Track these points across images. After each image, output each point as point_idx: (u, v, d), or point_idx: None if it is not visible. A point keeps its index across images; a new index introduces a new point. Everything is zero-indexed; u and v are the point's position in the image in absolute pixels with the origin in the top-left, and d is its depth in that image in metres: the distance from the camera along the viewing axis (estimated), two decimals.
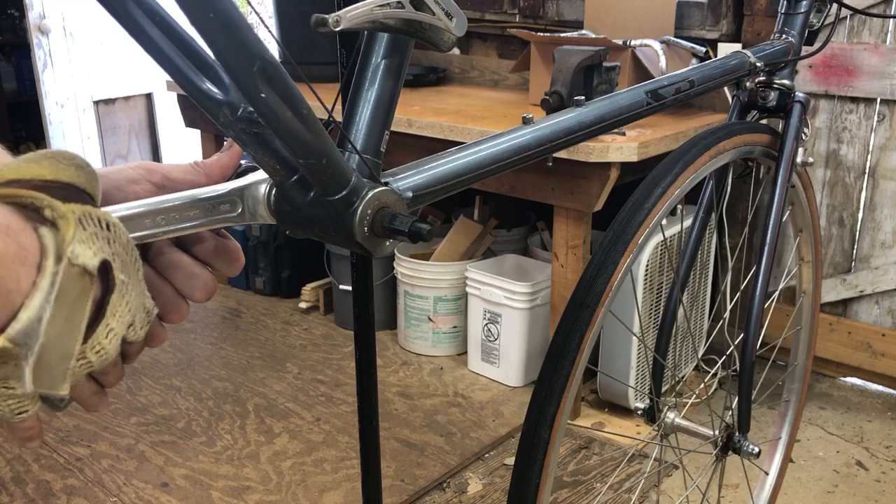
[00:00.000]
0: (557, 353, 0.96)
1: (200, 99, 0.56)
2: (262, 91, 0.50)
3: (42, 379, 0.46)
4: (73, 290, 0.45)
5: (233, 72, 0.49)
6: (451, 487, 2.08)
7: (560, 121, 0.91)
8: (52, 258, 0.44)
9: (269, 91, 0.50)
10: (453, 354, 2.79)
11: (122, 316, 0.51)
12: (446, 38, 0.67)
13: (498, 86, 3.06)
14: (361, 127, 0.67)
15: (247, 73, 0.48)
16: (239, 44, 0.47)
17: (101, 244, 0.47)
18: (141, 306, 0.53)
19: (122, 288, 0.50)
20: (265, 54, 0.49)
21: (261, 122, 0.55)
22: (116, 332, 0.50)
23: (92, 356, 0.49)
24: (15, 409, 0.48)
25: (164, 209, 0.59)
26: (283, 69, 0.51)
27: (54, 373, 0.46)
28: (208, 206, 0.61)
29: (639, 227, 1.00)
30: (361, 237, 0.63)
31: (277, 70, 0.50)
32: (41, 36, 3.33)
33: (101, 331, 0.49)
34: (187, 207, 0.60)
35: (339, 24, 0.54)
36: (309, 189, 0.62)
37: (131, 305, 0.52)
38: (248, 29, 0.48)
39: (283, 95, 0.52)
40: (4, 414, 0.48)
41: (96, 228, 0.47)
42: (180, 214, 0.60)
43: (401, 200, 0.68)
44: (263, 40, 0.51)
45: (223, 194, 0.63)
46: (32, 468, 2.12)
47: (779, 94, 1.28)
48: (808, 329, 1.61)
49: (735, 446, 1.32)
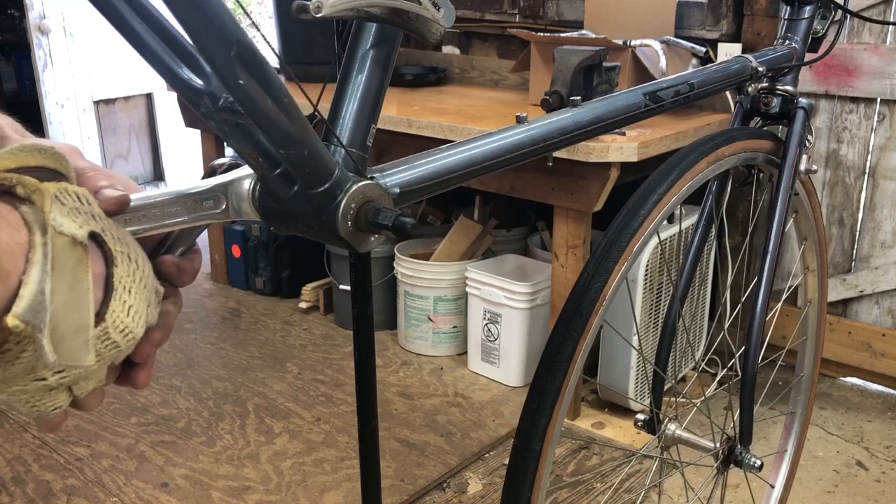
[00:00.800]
0: (550, 362, 0.93)
1: (181, 88, 0.56)
2: (241, 77, 0.49)
3: (64, 352, 0.46)
4: (67, 259, 0.46)
5: (209, 57, 0.48)
6: (451, 487, 2.08)
7: (555, 120, 0.90)
8: (38, 231, 0.45)
9: (248, 78, 0.50)
10: (453, 354, 2.78)
11: (139, 292, 0.51)
12: (434, 28, 0.66)
13: (498, 86, 3.06)
14: (347, 120, 0.67)
15: (223, 58, 0.48)
16: (215, 27, 0.47)
17: (86, 217, 0.48)
18: (152, 286, 0.54)
19: (124, 259, 0.50)
20: (243, 39, 0.48)
21: (241, 111, 0.54)
22: (136, 308, 0.51)
23: (117, 336, 0.50)
24: (50, 406, 0.50)
25: (145, 206, 0.58)
26: (263, 56, 0.51)
27: (74, 344, 0.47)
28: (191, 202, 0.61)
29: (633, 234, 0.98)
30: (345, 231, 0.63)
31: (256, 56, 0.50)
32: (41, 36, 3.33)
33: (119, 307, 0.49)
34: (169, 204, 0.59)
35: (320, 10, 0.53)
36: (292, 182, 0.61)
37: (146, 281, 0.52)
38: (224, 12, 0.47)
39: (263, 83, 0.51)
40: (42, 410, 0.50)
41: (76, 203, 0.48)
42: (162, 211, 0.59)
43: (386, 195, 0.67)
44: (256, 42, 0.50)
45: (206, 190, 0.62)
46: (32, 468, 2.12)
47: (781, 100, 1.26)
48: (814, 339, 1.57)
49: (737, 459, 1.29)
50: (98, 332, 0.48)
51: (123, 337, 0.50)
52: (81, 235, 0.46)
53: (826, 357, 2.60)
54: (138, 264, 0.51)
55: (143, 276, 0.52)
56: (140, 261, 0.52)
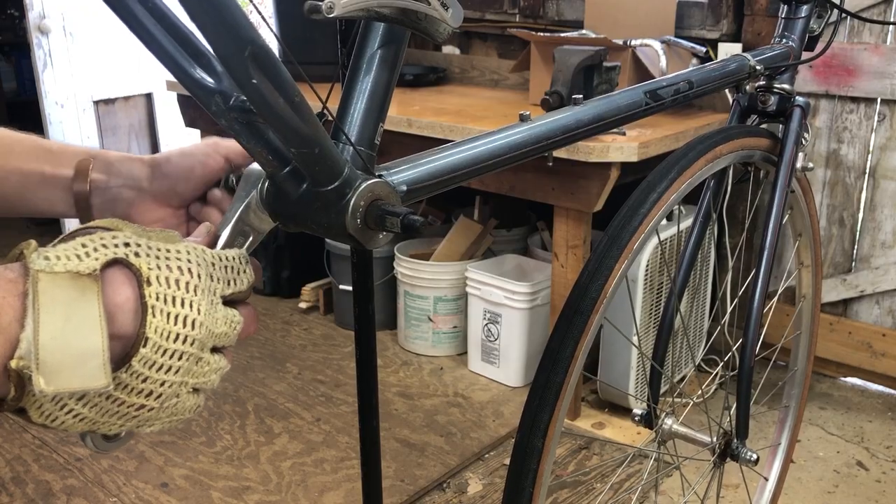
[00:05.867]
0: (551, 360, 0.94)
1: (192, 87, 0.56)
2: (254, 77, 0.50)
3: (65, 380, 0.49)
4: (60, 294, 0.48)
5: (224, 57, 0.48)
6: (451, 487, 2.08)
7: (557, 119, 0.90)
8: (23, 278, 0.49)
9: (261, 77, 0.50)
10: (453, 354, 2.79)
11: (193, 297, 0.54)
12: (442, 28, 0.67)
13: (498, 86, 3.06)
14: (356, 119, 0.67)
15: (238, 58, 0.48)
16: (230, 28, 0.47)
17: (109, 250, 0.51)
18: (221, 280, 0.58)
19: (162, 274, 0.52)
20: (257, 39, 0.49)
21: (253, 110, 0.54)
22: (189, 314, 0.54)
23: (175, 345, 0.53)
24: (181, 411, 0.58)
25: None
26: (276, 55, 0.51)
27: (83, 371, 0.49)
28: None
29: (634, 232, 0.99)
30: (354, 229, 0.63)
31: (269, 56, 0.50)
32: (41, 36, 3.33)
33: (161, 322, 0.52)
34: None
35: (332, 10, 0.53)
36: (302, 180, 0.62)
37: (204, 285, 0.55)
38: (240, 13, 0.47)
39: (275, 82, 0.51)
40: (176, 418, 0.58)
41: (103, 234, 0.52)
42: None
43: (394, 193, 0.67)
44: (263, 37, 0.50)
45: (231, 234, 0.65)
46: (32, 468, 2.12)
47: (779, 98, 1.27)
48: (808, 334, 1.60)
49: (733, 453, 1.30)
50: (147, 350, 0.52)
51: (183, 343, 0.53)
52: (85, 268, 0.49)
53: (826, 357, 2.60)
54: (191, 272, 0.54)
55: (199, 281, 0.55)
56: (194, 267, 0.55)
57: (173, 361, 0.53)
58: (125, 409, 0.53)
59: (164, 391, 0.54)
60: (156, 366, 0.53)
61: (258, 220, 0.66)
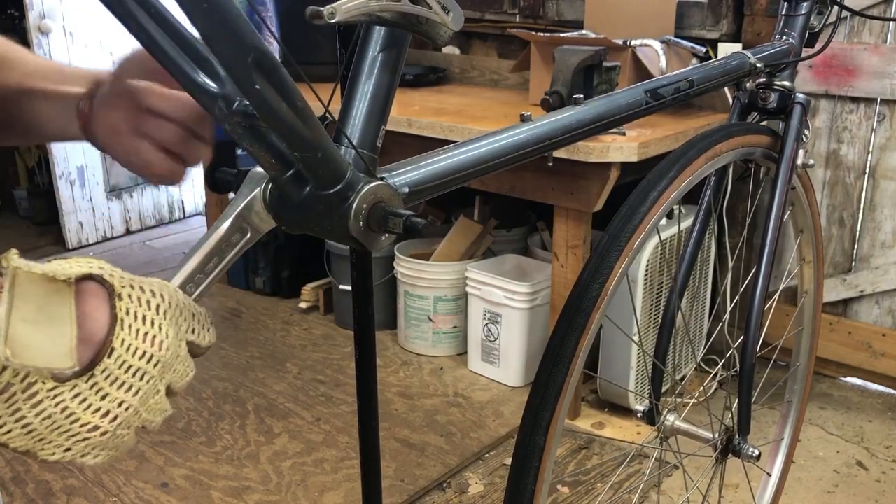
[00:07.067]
0: (552, 358, 0.94)
1: (195, 92, 0.56)
2: (257, 83, 0.50)
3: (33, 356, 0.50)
4: (36, 289, 0.50)
5: (227, 63, 0.48)
6: (451, 487, 2.08)
7: (558, 119, 0.91)
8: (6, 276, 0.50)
9: (264, 83, 0.50)
10: (453, 354, 2.79)
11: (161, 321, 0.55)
12: (443, 32, 0.67)
13: (498, 86, 3.06)
14: (358, 122, 0.67)
15: (241, 64, 0.48)
16: (233, 34, 0.47)
17: (87, 267, 0.53)
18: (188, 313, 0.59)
19: (134, 295, 0.54)
20: (260, 45, 0.49)
21: (256, 115, 0.54)
22: (156, 334, 0.55)
23: (136, 361, 0.54)
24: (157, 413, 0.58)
25: (189, 277, 0.64)
26: (278, 61, 0.51)
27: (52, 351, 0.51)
28: (223, 248, 0.65)
29: (634, 230, 0.99)
30: (357, 231, 0.63)
31: (272, 62, 0.50)
32: (41, 36, 3.33)
33: (129, 335, 0.54)
34: (206, 262, 0.64)
35: (334, 15, 0.54)
36: (304, 184, 0.62)
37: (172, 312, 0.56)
38: (242, 20, 0.47)
39: (278, 87, 0.51)
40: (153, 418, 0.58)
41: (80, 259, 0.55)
42: (205, 273, 0.64)
43: (396, 195, 0.67)
44: (264, 40, 0.50)
45: (229, 229, 0.65)
46: (32, 468, 2.12)
47: (779, 95, 1.27)
48: (809, 330, 1.60)
49: (735, 449, 1.31)
50: (111, 361, 0.53)
51: (147, 362, 0.54)
52: (62, 274, 0.51)
53: (826, 357, 2.60)
54: (162, 297, 0.56)
55: (169, 307, 0.56)
56: (166, 295, 0.56)
57: (135, 381, 0.54)
58: (77, 427, 0.52)
59: (121, 414, 0.54)
60: (117, 382, 0.53)
61: (259, 220, 0.66)
